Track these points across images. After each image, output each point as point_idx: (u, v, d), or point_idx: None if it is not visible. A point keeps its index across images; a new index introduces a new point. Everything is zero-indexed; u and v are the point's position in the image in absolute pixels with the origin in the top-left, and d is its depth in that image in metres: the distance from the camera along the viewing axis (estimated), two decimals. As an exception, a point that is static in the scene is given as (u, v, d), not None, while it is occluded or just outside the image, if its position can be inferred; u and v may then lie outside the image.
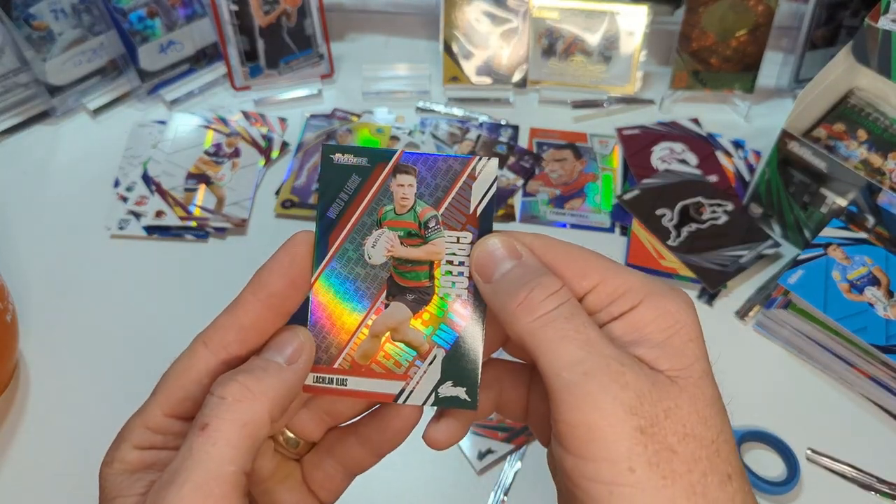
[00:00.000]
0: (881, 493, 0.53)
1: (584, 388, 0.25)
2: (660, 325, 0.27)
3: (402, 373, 0.31)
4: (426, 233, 0.31)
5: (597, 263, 0.28)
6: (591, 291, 0.28)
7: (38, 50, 0.73)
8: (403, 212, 0.31)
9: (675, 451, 0.25)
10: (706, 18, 0.76)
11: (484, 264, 0.29)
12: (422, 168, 0.31)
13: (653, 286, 0.28)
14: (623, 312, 0.27)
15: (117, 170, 0.73)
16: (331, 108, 0.80)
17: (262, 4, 0.75)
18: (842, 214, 0.61)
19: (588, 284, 0.28)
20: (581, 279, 0.28)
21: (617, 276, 0.28)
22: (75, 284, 0.64)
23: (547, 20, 0.79)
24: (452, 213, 0.31)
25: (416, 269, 0.31)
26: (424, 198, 0.31)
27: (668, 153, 0.75)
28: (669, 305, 0.27)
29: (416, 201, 0.31)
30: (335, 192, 0.31)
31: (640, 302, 0.27)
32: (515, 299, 0.27)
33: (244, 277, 0.70)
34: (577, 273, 0.28)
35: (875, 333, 0.53)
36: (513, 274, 0.28)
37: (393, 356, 0.31)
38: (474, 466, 0.53)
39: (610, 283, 0.28)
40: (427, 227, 0.31)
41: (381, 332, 0.31)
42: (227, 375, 0.27)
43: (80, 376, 0.58)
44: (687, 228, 0.67)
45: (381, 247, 0.31)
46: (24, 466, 0.53)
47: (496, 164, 0.31)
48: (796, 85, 0.81)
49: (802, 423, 0.56)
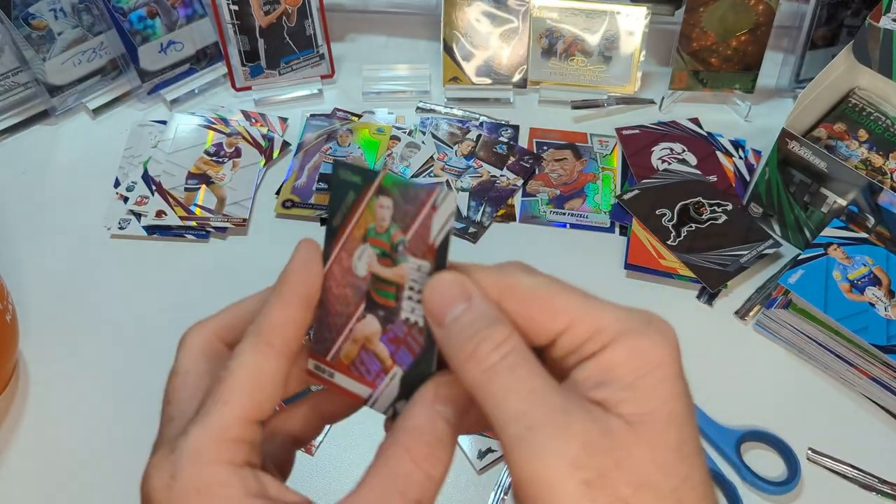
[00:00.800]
0: (882, 494, 0.53)
1: (528, 442, 0.24)
2: (630, 366, 0.25)
3: (370, 380, 0.33)
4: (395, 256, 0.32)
5: (568, 301, 0.27)
6: (563, 332, 0.26)
7: (38, 49, 0.73)
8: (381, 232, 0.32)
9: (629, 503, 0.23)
10: (706, 18, 0.76)
11: (435, 309, 0.28)
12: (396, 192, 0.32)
13: (628, 323, 0.26)
14: (594, 352, 0.26)
15: (117, 170, 0.73)
16: (331, 108, 0.80)
17: (262, 4, 0.75)
18: (842, 214, 0.61)
19: (560, 325, 0.26)
20: (552, 320, 0.26)
21: (589, 314, 0.26)
22: (75, 284, 0.64)
23: (547, 20, 0.79)
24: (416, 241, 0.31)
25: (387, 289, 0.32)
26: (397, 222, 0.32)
27: (668, 153, 0.75)
28: (642, 344, 0.26)
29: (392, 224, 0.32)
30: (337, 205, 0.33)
31: (611, 341, 0.26)
32: (463, 351, 0.26)
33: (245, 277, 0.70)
34: (548, 314, 0.27)
35: (876, 333, 0.53)
36: (462, 321, 0.27)
37: (366, 363, 0.33)
38: (474, 466, 0.53)
39: (582, 323, 0.26)
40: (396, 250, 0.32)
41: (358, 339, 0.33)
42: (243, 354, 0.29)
43: (80, 376, 0.58)
44: (687, 228, 0.67)
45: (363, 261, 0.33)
46: (24, 466, 0.53)
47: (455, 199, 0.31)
48: (797, 85, 0.81)
49: (803, 423, 0.56)
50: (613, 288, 0.65)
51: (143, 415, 0.56)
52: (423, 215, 0.31)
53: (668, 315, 0.30)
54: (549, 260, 0.67)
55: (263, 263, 0.66)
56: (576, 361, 0.26)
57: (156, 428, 0.59)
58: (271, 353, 0.29)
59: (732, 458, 0.53)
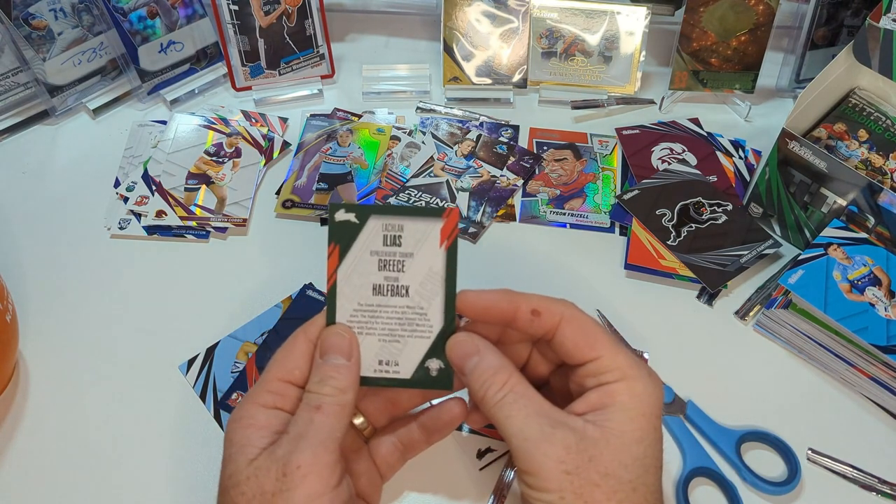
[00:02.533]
0: (882, 494, 0.53)
1: (527, 447, 0.37)
2: (623, 399, 0.39)
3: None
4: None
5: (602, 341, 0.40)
6: (592, 360, 0.40)
7: (38, 49, 0.73)
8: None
9: (598, 485, 0.36)
10: (706, 18, 0.76)
11: (457, 361, 0.42)
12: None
13: (634, 370, 0.40)
14: (607, 382, 0.39)
15: (117, 170, 0.73)
16: (331, 108, 0.80)
17: (262, 4, 0.75)
18: (842, 214, 0.61)
19: (592, 355, 0.40)
20: (589, 350, 0.40)
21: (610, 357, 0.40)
22: (75, 284, 0.64)
23: (547, 20, 0.79)
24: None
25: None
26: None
27: (668, 153, 0.75)
28: (638, 388, 0.39)
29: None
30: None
31: (621, 379, 0.39)
32: (478, 394, 0.40)
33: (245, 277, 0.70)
34: (587, 346, 0.40)
35: (876, 333, 0.53)
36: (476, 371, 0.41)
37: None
38: (475, 465, 0.53)
39: (604, 361, 0.40)
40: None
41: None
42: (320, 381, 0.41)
43: (80, 376, 0.58)
44: (687, 228, 0.67)
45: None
46: (24, 466, 0.53)
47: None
48: (797, 85, 0.81)
49: (803, 423, 0.56)
50: (613, 288, 0.65)
51: (144, 414, 0.56)
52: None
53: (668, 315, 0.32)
54: (549, 260, 0.67)
55: (263, 263, 0.66)
56: (594, 384, 0.40)
57: (155, 427, 0.59)
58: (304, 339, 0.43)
59: (732, 458, 0.53)
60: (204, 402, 0.56)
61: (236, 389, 0.57)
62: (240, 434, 0.40)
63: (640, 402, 0.38)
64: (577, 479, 0.36)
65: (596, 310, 0.63)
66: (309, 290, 0.63)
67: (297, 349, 0.42)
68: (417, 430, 0.46)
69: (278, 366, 0.42)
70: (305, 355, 0.42)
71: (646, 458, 0.38)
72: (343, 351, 0.42)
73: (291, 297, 0.63)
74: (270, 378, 0.42)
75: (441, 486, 0.53)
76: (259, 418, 0.40)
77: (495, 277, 0.65)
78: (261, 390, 0.41)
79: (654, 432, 0.39)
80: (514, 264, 0.66)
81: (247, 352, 0.59)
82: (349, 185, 0.71)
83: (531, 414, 0.38)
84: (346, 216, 0.42)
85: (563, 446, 0.37)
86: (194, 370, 0.58)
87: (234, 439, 0.40)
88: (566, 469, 0.36)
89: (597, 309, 0.63)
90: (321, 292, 0.63)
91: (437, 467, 0.53)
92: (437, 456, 0.54)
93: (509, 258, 0.67)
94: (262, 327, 0.61)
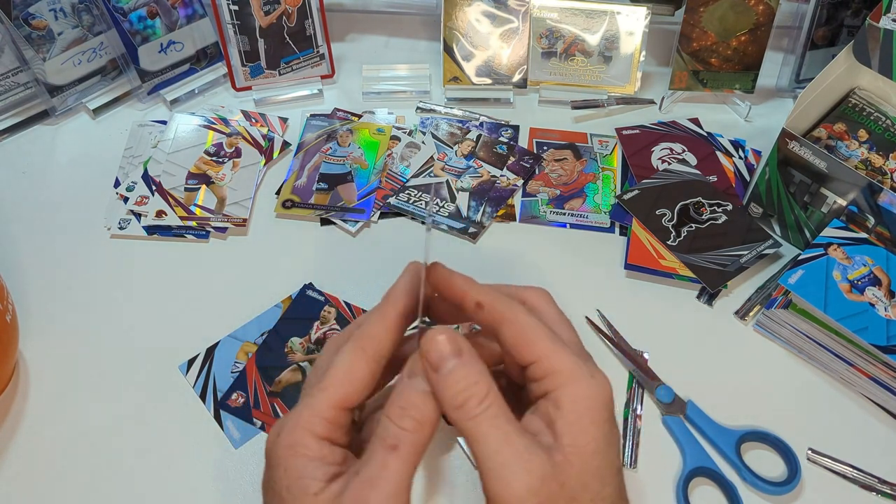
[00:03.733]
0: (882, 494, 0.53)
1: (500, 473, 0.34)
2: (570, 408, 0.35)
3: None
4: None
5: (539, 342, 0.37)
6: (533, 363, 0.37)
7: (38, 49, 0.73)
8: None
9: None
10: (706, 18, 0.76)
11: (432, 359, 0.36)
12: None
13: (575, 372, 0.36)
14: (549, 391, 0.36)
15: (117, 170, 0.73)
16: (331, 108, 0.80)
17: (262, 4, 0.75)
18: (842, 214, 0.61)
19: (531, 357, 0.37)
20: (526, 352, 0.37)
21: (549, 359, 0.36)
22: (75, 284, 0.64)
23: (547, 20, 0.79)
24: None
25: None
26: None
27: (668, 153, 0.75)
28: (580, 392, 0.36)
29: None
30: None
31: (561, 384, 0.36)
32: (454, 402, 0.35)
33: (245, 277, 0.70)
34: (524, 347, 0.37)
35: (876, 333, 0.53)
36: (455, 375, 0.36)
37: None
38: (472, 462, 0.53)
39: (546, 362, 0.36)
40: None
41: None
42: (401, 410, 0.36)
43: (80, 376, 0.58)
44: (687, 228, 0.67)
45: None
46: (24, 466, 0.53)
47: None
48: (797, 85, 0.81)
49: (803, 423, 0.56)
50: (613, 288, 0.65)
51: (144, 414, 0.56)
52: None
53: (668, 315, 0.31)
54: (549, 260, 0.67)
55: (263, 263, 0.66)
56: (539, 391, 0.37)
57: (155, 427, 0.59)
58: (363, 357, 0.37)
59: (732, 458, 0.53)
60: (204, 402, 0.56)
61: (236, 389, 0.57)
62: (296, 463, 0.36)
63: (586, 410, 0.36)
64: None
65: (596, 310, 0.63)
66: (309, 290, 0.63)
67: (359, 370, 0.37)
68: None
69: (337, 389, 0.37)
70: (367, 378, 0.37)
71: (602, 469, 0.35)
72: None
73: (291, 297, 0.63)
74: (327, 404, 0.36)
75: (441, 486, 0.53)
76: (313, 448, 0.36)
77: (495, 277, 0.64)
78: (314, 416, 0.36)
79: (606, 438, 0.36)
80: (513, 264, 0.66)
81: (247, 352, 0.59)
82: (349, 185, 0.71)
83: (509, 435, 0.35)
84: None
85: (539, 476, 0.34)
86: (194, 370, 0.58)
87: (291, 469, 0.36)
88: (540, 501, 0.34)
89: (597, 309, 0.63)
90: (321, 292, 0.63)
91: (436, 466, 0.53)
92: (435, 454, 0.54)
93: (509, 258, 0.67)
94: (262, 327, 0.61)
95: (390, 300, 0.39)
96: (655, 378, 0.58)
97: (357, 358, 0.37)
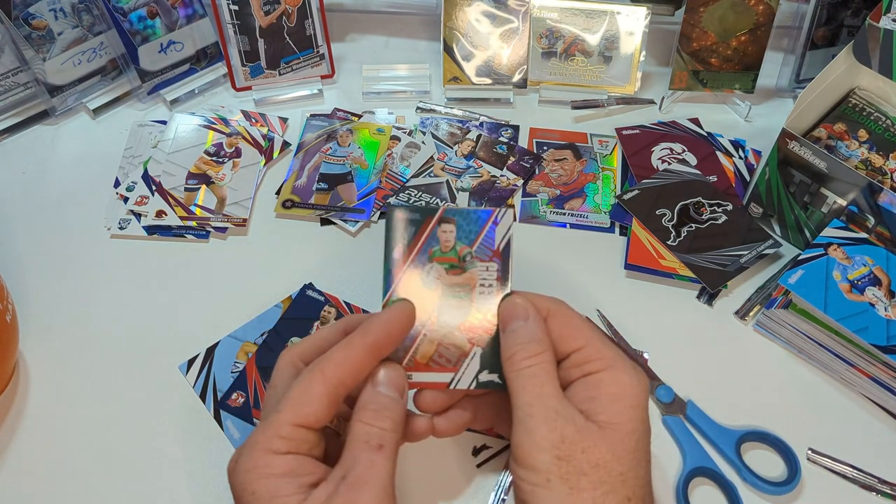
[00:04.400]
0: (882, 494, 0.53)
1: (528, 423, 0.38)
2: (611, 390, 0.39)
3: (452, 366, 0.42)
4: (464, 265, 0.42)
5: (586, 333, 0.41)
6: (577, 350, 0.40)
7: (38, 49, 0.73)
8: (447, 250, 0.42)
9: (586, 473, 0.36)
10: (706, 18, 0.76)
11: (504, 317, 0.42)
12: (459, 219, 0.42)
13: (618, 361, 0.40)
14: (592, 372, 0.40)
15: (117, 170, 0.73)
16: (331, 108, 0.80)
17: (262, 4, 0.75)
18: (842, 214, 0.61)
19: (576, 346, 0.41)
20: (572, 341, 0.41)
21: (594, 346, 0.40)
22: (75, 284, 0.64)
23: (547, 20, 0.79)
24: (482, 249, 0.43)
25: (459, 292, 0.42)
26: (461, 240, 0.42)
27: (668, 153, 0.75)
28: (623, 377, 0.39)
29: (456, 242, 0.42)
30: (397, 239, 0.42)
31: (605, 368, 0.39)
32: (507, 353, 0.40)
33: (245, 277, 0.70)
34: (571, 336, 0.41)
35: (876, 333, 0.53)
36: (517, 332, 0.41)
37: (445, 355, 0.42)
38: (471, 462, 0.53)
39: (588, 349, 0.40)
40: (464, 260, 0.42)
41: (434, 339, 0.42)
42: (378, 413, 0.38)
43: (80, 376, 0.58)
44: (687, 228, 0.67)
45: (432, 276, 0.42)
46: (24, 467, 0.53)
47: (512, 214, 0.43)
48: (797, 85, 0.81)
49: (803, 423, 0.56)
50: (613, 288, 0.65)
51: (144, 414, 0.56)
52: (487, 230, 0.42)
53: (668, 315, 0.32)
54: (549, 260, 0.67)
55: (263, 263, 0.66)
56: (578, 374, 0.40)
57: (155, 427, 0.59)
58: (322, 380, 0.38)
59: (732, 458, 0.53)
60: (204, 402, 0.57)
61: (236, 389, 0.57)
62: (262, 485, 0.36)
63: (628, 393, 0.39)
64: (566, 465, 0.36)
65: (596, 310, 0.63)
66: (309, 290, 0.63)
67: (315, 391, 0.37)
68: None
69: (293, 409, 0.37)
70: (324, 398, 0.37)
71: (637, 450, 0.38)
72: (399, 388, 0.40)
73: (291, 297, 0.63)
74: (283, 422, 0.37)
75: (437, 484, 0.53)
76: (277, 465, 0.36)
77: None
78: (271, 436, 0.37)
79: (643, 424, 0.39)
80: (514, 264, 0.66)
81: (247, 352, 0.59)
82: (349, 185, 0.71)
83: (544, 393, 0.38)
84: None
85: (560, 434, 0.37)
86: (194, 370, 0.58)
87: (259, 492, 0.36)
88: (558, 455, 0.36)
89: (597, 309, 0.63)
90: (321, 292, 0.63)
91: (433, 465, 0.53)
92: (433, 453, 0.54)
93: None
94: (262, 327, 0.61)
95: (361, 330, 0.40)
96: (655, 378, 0.58)
97: (315, 380, 0.38)
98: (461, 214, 0.42)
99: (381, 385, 0.40)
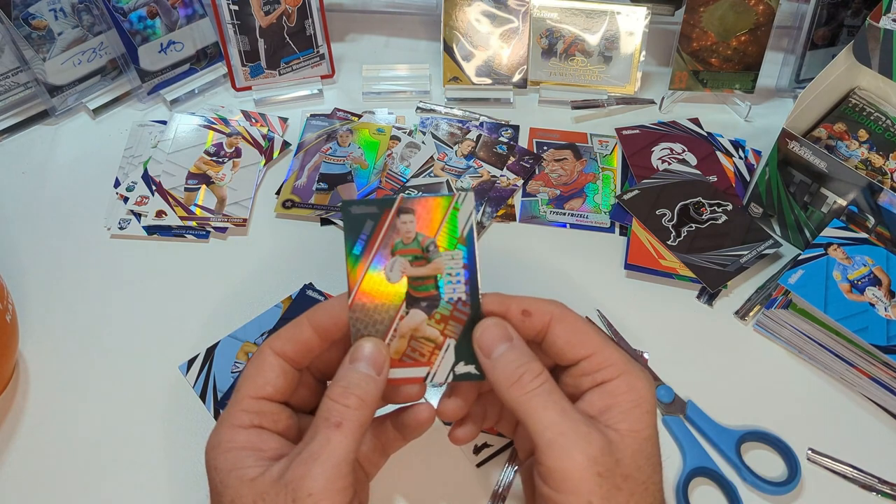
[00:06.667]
0: (882, 494, 0.53)
1: (561, 443, 0.35)
2: (628, 397, 0.38)
3: (426, 360, 0.41)
4: (428, 255, 0.40)
5: (594, 338, 0.40)
6: (586, 358, 0.39)
7: (38, 49, 0.73)
8: (409, 242, 0.40)
9: (621, 488, 0.35)
10: (706, 18, 0.76)
11: (485, 345, 0.40)
12: (418, 208, 0.40)
13: (629, 366, 0.39)
14: (606, 380, 0.39)
15: (117, 170, 0.73)
16: (331, 108, 0.80)
17: (262, 4, 0.75)
18: (842, 214, 0.61)
19: (585, 353, 0.39)
20: (581, 348, 0.39)
21: (604, 352, 0.39)
22: (75, 284, 0.64)
23: (547, 20, 0.79)
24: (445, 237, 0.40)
25: (426, 283, 0.41)
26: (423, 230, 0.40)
27: (668, 153, 0.75)
28: (638, 383, 0.38)
29: (417, 233, 0.40)
30: (357, 235, 0.40)
31: (618, 376, 0.38)
32: (510, 379, 0.38)
33: (245, 277, 0.70)
34: (579, 343, 0.39)
35: (876, 333, 0.53)
36: (508, 356, 0.39)
37: (418, 349, 0.41)
38: (471, 461, 0.53)
39: (598, 357, 0.39)
40: (428, 250, 0.40)
41: (406, 333, 0.41)
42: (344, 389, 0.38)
43: (80, 376, 0.58)
44: (687, 228, 0.67)
45: (396, 270, 0.41)
46: (24, 467, 0.53)
47: (473, 197, 0.41)
48: (797, 85, 0.81)
49: (803, 423, 0.56)
50: (613, 288, 0.65)
51: (144, 414, 0.56)
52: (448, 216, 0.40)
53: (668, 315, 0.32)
54: (549, 260, 0.67)
55: (263, 263, 0.66)
56: (590, 384, 0.39)
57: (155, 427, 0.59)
58: (270, 352, 0.40)
59: (732, 458, 0.53)
60: (204, 402, 0.57)
61: (236, 389, 0.57)
62: (223, 459, 0.37)
63: (642, 399, 0.38)
64: (606, 482, 0.35)
65: (596, 310, 0.63)
66: (309, 290, 0.63)
67: (266, 363, 0.40)
68: (392, 429, 0.45)
69: (248, 383, 0.39)
70: (275, 369, 0.40)
71: (653, 455, 0.38)
72: (377, 364, 0.39)
73: (291, 297, 0.63)
74: (241, 397, 0.39)
75: (438, 484, 0.53)
76: (239, 440, 0.38)
77: (495, 278, 0.65)
78: (234, 410, 0.39)
79: (655, 429, 0.39)
80: (513, 264, 0.66)
81: (247, 352, 0.59)
82: (349, 185, 0.71)
83: (565, 408, 0.36)
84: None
85: (598, 447, 0.35)
86: (194, 370, 0.58)
87: (220, 466, 0.37)
88: (599, 471, 0.35)
89: (597, 309, 0.63)
90: (321, 292, 0.63)
91: (434, 464, 0.53)
92: (433, 453, 0.54)
93: (509, 258, 0.67)
94: (262, 327, 0.61)
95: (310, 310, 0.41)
96: (655, 378, 0.58)
97: (265, 353, 0.40)
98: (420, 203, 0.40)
99: (358, 361, 0.39)
